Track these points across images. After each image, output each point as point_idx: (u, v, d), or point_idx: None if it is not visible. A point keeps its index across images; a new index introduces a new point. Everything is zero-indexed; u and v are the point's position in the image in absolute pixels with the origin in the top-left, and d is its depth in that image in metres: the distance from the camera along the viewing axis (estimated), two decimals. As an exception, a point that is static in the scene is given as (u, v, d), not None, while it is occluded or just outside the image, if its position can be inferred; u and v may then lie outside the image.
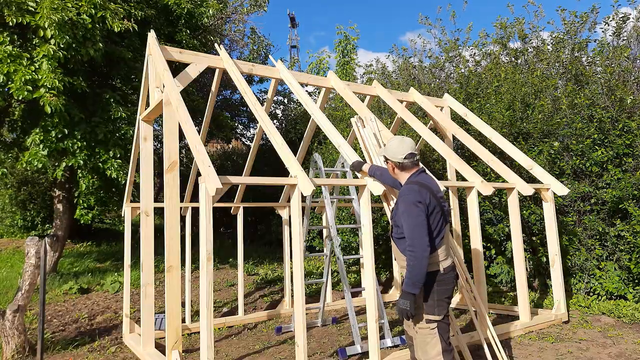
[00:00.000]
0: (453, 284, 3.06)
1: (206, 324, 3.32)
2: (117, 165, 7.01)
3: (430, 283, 2.94)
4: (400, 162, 3.15)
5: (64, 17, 5.86)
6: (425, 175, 3.19)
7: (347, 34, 15.36)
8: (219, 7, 9.13)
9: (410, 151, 3.14)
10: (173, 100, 3.99)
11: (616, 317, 5.49)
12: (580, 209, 6.35)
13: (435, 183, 3.18)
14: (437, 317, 2.95)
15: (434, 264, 2.96)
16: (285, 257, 6.50)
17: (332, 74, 6.04)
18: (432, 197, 2.98)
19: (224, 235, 13.97)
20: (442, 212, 3.02)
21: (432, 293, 2.94)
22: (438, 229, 2.98)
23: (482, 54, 8.98)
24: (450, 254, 3.14)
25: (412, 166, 3.16)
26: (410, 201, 2.93)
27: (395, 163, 3.18)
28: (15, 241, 13.28)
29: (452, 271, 3.05)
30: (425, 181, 3.07)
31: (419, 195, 2.94)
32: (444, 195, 3.19)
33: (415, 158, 3.17)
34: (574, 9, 7.92)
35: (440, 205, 3.02)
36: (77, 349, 5.00)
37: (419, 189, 2.98)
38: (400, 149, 3.15)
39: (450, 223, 3.21)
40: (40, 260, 4.50)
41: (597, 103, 6.53)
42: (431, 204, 2.95)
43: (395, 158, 3.16)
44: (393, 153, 3.17)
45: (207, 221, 3.39)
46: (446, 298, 3.00)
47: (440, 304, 2.95)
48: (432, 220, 2.97)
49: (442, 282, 2.96)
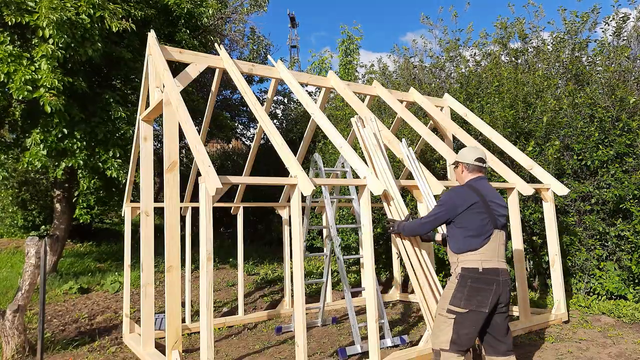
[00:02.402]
0: (491, 287, 3.10)
1: (206, 324, 3.32)
2: (117, 165, 7.01)
3: (466, 278, 3.15)
4: (469, 163, 3.46)
5: (62, 17, 5.85)
6: (484, 182, 3.45)
7: (351, 34, 15.35)
8: (219, 7, 9.12)
9: (480, 156, 3.47)
10: (173, 100, 3.99)
11: (616, 317, 5.48)
12: (580, 209, 6.34)
13: (490, 190, 3.40)
14: (461, 310, 3.10)
15: (474, 262, 3.16)
16: (285, 257, 6.50)
17: (332, 74, 6.03)
18: (481, 199, 3.24)
19: (224, 235, 13.96)
20: (490, 217, 3.21)
21: (465, 287, 3.13)
22: (479, 229, 3.19)
23: (482, 54, 8.98)
24: (498, 259, 3.21)
25: (478, 170, 3.46)
26: (440, 201, 3.45)
27: (465, 165, 3.49)
28: (16, 241, 13.27)
29: (491, 274, 3.13)
30: (478, 185, 3.37)
31: (453, 195, 3.35)
32: (502, 204, 3.36)
33: (484, 164, 3.49)
34: (574, 9, 7.87)
35: (489, 209, 3.22)
36: (77, 349, 5.00)
37: (460, 190, 3.37)
38: (472, 154, 3.49)
39: (505, 231, 3.33)
40: (40, 260, 4.50)
41: (598, 103, 6.53)
42: (475, 205, 3.21)
43: (465, 160, 3.48)
44: (464, 157, 3.51)
45: (207, 221, 3.39)
46: (479, 297, 3.09)
47: (469, 299, 3.09)
48: (471, 219, 3.21)
49: (478, 280, 3.12)
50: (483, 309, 3.08)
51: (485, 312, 3.08)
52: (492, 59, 8.47)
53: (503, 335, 3.21)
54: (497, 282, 3.12)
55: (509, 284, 3.22)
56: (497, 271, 3.15)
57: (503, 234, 3.27)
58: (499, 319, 3.20)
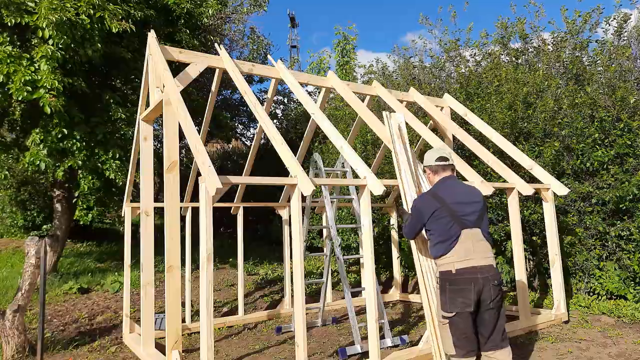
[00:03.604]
0: (469, 287, 3.09)
1: (206, 324, 3.32)
2: (115, 167, 7.00)
3: (444, 282, 3.21)
4: (431, 165, 3.50)
5: (62, 18, 5.84)
6: (450, 182, 3.43)
7: (346, 34, 15.33)
8: (219, 7, 9.11)
9: (440, 155, 3.47)
10: (173, 100, 3.99)
11: (616, 317, 5.48)
12: (580, 209, 6.34)
13: (457, 189, 3.38)
14: (449, 314, 3.15)
15: (447, 265, 3.20)
16: (285, 257, 6.50)
17: (332, 74, 6.03)
18: (442, 204, 3.26)
19: (224, 235, 13.96)
20: (455, 219, 3.21)
21: (445, 291, 3.19)
22: (445, 234, 3.23)
23: (482, 54, 8.97)
24: (476, 256, 3.18)
25: (442, 170, 3.47)
26: (411, 209, 3.60)
27: (429, 167, 3.53)
28: (16, 241, 13.27)
29: (468, 274, 3.12)
30: (441, 189, 3.38)
31: (418, 204, 3.45)
32: (472, 200, 3.32)
33: (447, 162, 3.47)
34: (576, 9, 7.85)
35: (452, 212, 3.23)
36: (77, 349, 5.00)
37: (422, 199, 3.44)
38: (433, 155, 3.51)
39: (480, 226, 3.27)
40: (40, 260, 4.50)
41: (598, 103, 6.52)
42: (436, 212, 3.26)
43: (427, 163, 3.52)
44: (426, 160, 3.54)
45: (207, 221, 3.39)
46: (460, 298, 3.10)
47: (452, 302, 3.13)
48: (437, 226, 3.27)
49: (454, 282, 3.15)
50: (468, 309, 3.09)
51: (471, 311, 3.09)
52: (493, 59, 8.47)
53: (490, 331, 3.16)
54: (474, 281, 3.10)
55: (492, 280, 3.14)
56: (475, 269, 3.13)
57: (478, 231, 3.22)
58: (487, 316, 3.15)
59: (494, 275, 3.17)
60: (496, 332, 3.18)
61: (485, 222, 3.34)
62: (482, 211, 3.30)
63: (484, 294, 3.10)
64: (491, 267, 3.19)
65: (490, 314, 3.15)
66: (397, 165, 4.51)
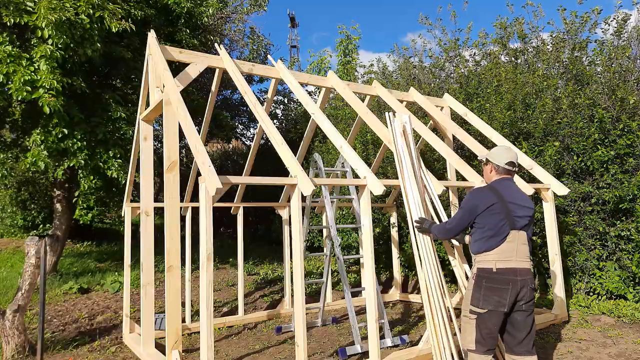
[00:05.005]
0: (507, 287, 3.14)
1: (206, 324, 3.32)
2: (117, 165, 7.00)
3: (481, 278, 3.23)
4: (499, 165, 3.48)
5: (61, 17, 5.83)
6: (509, 183, 3.46)
7: (349, 34, 15.31)
8: (219, 7, 9.11)
9: (512, 160, 3.47)
10: (173, 100, 3.98)
11: (616, 317, 5.48)
12: (581, 209, 6.34)
13: (513, 191, 3.41)
14: (480, 310, 3.17)
15: (488, 262, 3.22)
16: (285, 257, 6.50)
17: (332, 74, 6.03)
18: (500, 200, 3.27)
19: (224, 235, 13.96)
20: (508, 218, 3.24)
21: (481, 287, 3.20)
22: (496, 230, 3.23)
23: (482, 54, 8.97)
24: (517, 259, 3.23)
25: (506, 173, 3.48)
26: (462, 203, 3.52)
27: (494, 165, 3.51)
28: (16, 241, 13.27)
29: (508, 274, 3.16)
30: (500, 187, 3.39)
31: (474, 197, 3.41)
32: (525, 205, 3.36)
33: (514, 168, 3.50)
34: (574, 9, 7.86)
35: (507, 211, 3.25)
36: (77, 349, 5.00)
37: (480, 192, 3.43)
38: (504, 156, 3.48)
39: (527, 231, 3.36)
40: (40, 260, 4.50)
41: (598, 103, 6.52)
42: (493, 206, 3.26)
43: (495, 161, 3.49)
44: (495, 157, 3.51)
45: (207, 221, 3.38)
46: (496, 297, 3.13)
47: (486, 299, 3.16)
48: (489, 220, 3.26)
49: (492, 280, 3.18)
50: (501, 309, 3.13)
51: (504, 311, 3.14)
52: (492, 59, 8.47)
53: (522, 333, 3.21)
54: (513, 282, 3.15)
55: (529, 283, 3.22)
56: (515, 271, 3.18)
57: (523, 235, 3.29)
58: (519, 317, 3.21)
59: (531, 279, 3.26)
60: (529, 337, 3.24)
61: (531, 229, 3.44)
62: (532, 217, 3.39)
63: (520, 295, 3.16)
64: (528, 270, 3.27)
65: (522, 316, 3.21)
66: (399, 167, 4.50)
